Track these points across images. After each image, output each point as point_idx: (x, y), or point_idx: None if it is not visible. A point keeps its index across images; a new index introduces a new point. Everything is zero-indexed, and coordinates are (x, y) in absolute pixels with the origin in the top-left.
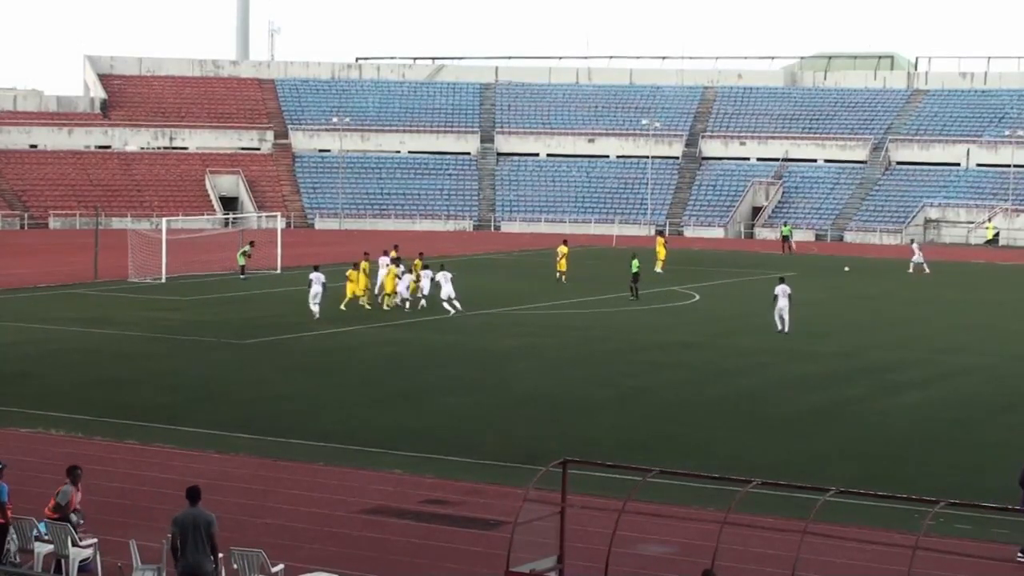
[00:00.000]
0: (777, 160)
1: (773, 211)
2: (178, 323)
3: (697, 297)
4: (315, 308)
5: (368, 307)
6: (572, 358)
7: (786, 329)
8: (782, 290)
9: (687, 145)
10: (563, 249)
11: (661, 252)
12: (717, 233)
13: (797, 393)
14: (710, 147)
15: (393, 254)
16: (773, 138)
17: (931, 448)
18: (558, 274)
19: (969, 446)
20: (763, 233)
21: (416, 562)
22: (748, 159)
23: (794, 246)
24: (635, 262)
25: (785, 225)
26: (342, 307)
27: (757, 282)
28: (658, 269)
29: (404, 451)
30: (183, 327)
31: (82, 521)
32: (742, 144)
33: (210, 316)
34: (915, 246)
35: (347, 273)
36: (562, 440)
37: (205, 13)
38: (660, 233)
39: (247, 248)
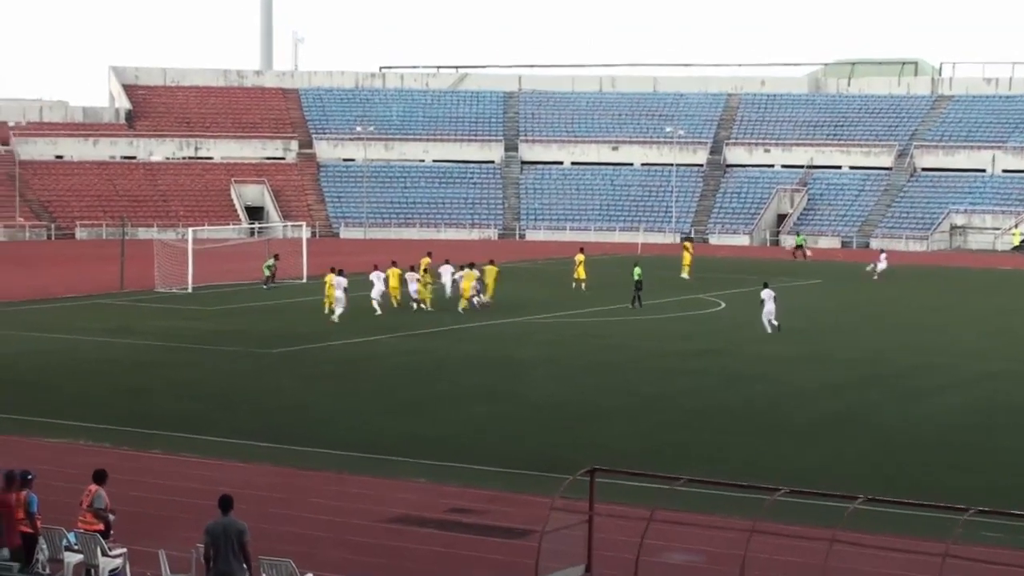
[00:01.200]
0: (802, 167)
1: (798, 218)
2: (204, 333)
3: (723, 305)
4: (338, 310)
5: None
6: (594, 366)
7: (775, 324)
8: (767, 294)
9: (711, 152)
10: (580, 257)
11: (687, 258)
12: (742, 240)
13: (820, 399)
14: (734, 154)
15: (426, 261)
16: (797, 145)
17: (957, 455)
18: (575, 283)
19: (995, 453)
20: (788, 240)
21: (442, 571)
22: (772, 166)
23: (809, 253)
24: (637, 270)
25: (799, 234)
26: (327, 311)
27: (785, 290)
28: (684, 275)
29: (426, 459)
30: (209, 337)
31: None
32: (766, 151)
33: (235, 326)
34: (883, 255)
35: (325, 278)
36: (583, 448)
37: (229, 23)
38: (688, 239)
39: (271, 262)
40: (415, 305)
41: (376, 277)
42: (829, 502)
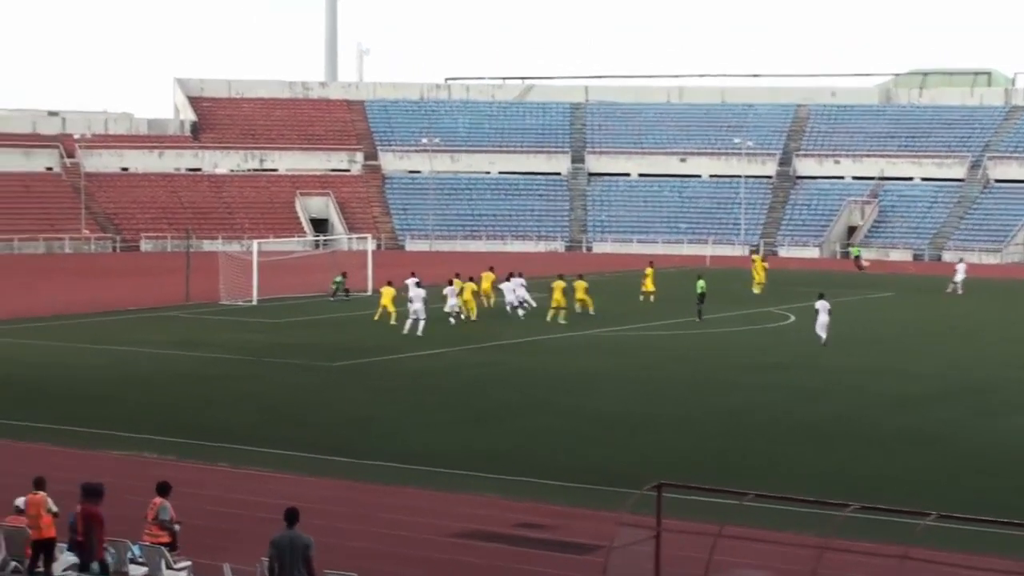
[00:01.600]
0: (872, 179)
1: (869, 230)
2: (269, 345)
3: (792, 318)
4: (410, 323)
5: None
6: (662, 379)
7: (825, 341)
8: (822, 305)
9: (780, 164)
10: (649, 270)
11: (758, 275)
12: (812, 253)
13: (891, 414)
14: (804, 166)
15: (491, 277)
16: (868, 156)
17: None
18: (642, 295)
19: None
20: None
21: None
22: (843, 178)
23: (866, 264)
24: (700, 283)
25: (854, 246)
26: (376, 319)
27: (855, 303)
28: (755, 291)
29: (494, 473)
30: (274, 349)
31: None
32: (836, 163)
33: (301, 338)
34: (961, 265)
35: (381, 289)
36: (651, 462)
37: (294, 35)
38: (755, 251)
39: (339, 279)
40: (452, 320)
41: (413, 284)
42: (901, 518)
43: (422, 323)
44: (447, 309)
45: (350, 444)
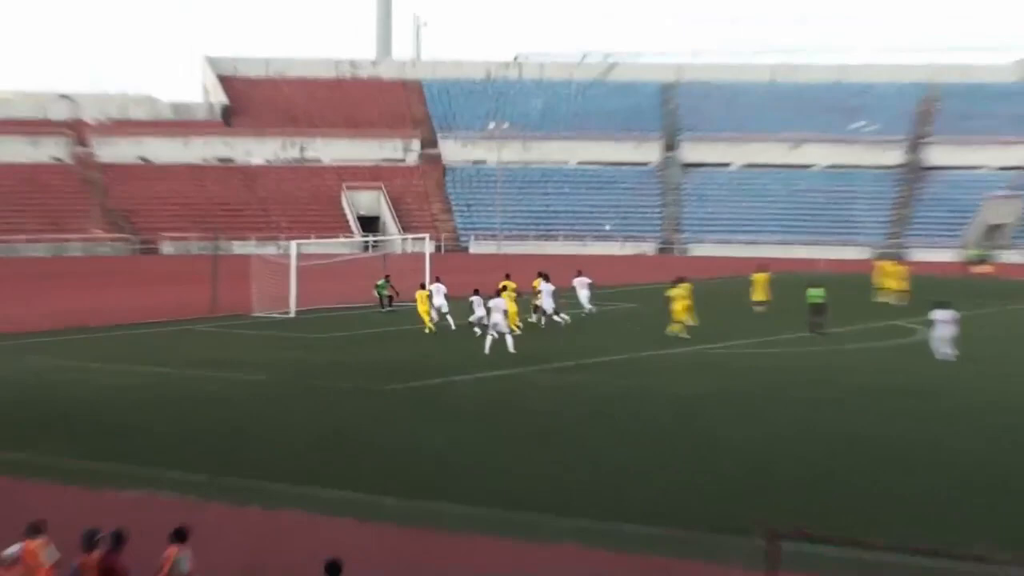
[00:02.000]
0: (1016, 169)
1: (1015, 229)
2: (310, 365)
3: (921, 333)
4: (485, 332)
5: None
6: (774, 404)
7: (950, 354)
8: (940, 315)
9: (907, 152)
10: (761, 276)
11: (892, 282)
12: (946, 256)
13: None
14: (935, 155)
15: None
16: (1010, 143)
17: None
18: (754, 305)
19: None
20: (1002, 255)
21: None
22: (981, 168)
23: (980, 269)
24: (812, 292)
25: (979, 248)
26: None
27: (997, 315)
28: (887, 300)
29: (573, 515)
30: (315, 370)
31: None
32: (973, 151)
33: (347, 357)
34: None
35: (416, 295)
36: (760, 504)
37: (340, 8)
38: (881, 257)
39: (383, 282)
40: (477, 331)
41: (436, 289)
42: None
43: (510, 338)
44: (472, 319)
45: (405, 482)
